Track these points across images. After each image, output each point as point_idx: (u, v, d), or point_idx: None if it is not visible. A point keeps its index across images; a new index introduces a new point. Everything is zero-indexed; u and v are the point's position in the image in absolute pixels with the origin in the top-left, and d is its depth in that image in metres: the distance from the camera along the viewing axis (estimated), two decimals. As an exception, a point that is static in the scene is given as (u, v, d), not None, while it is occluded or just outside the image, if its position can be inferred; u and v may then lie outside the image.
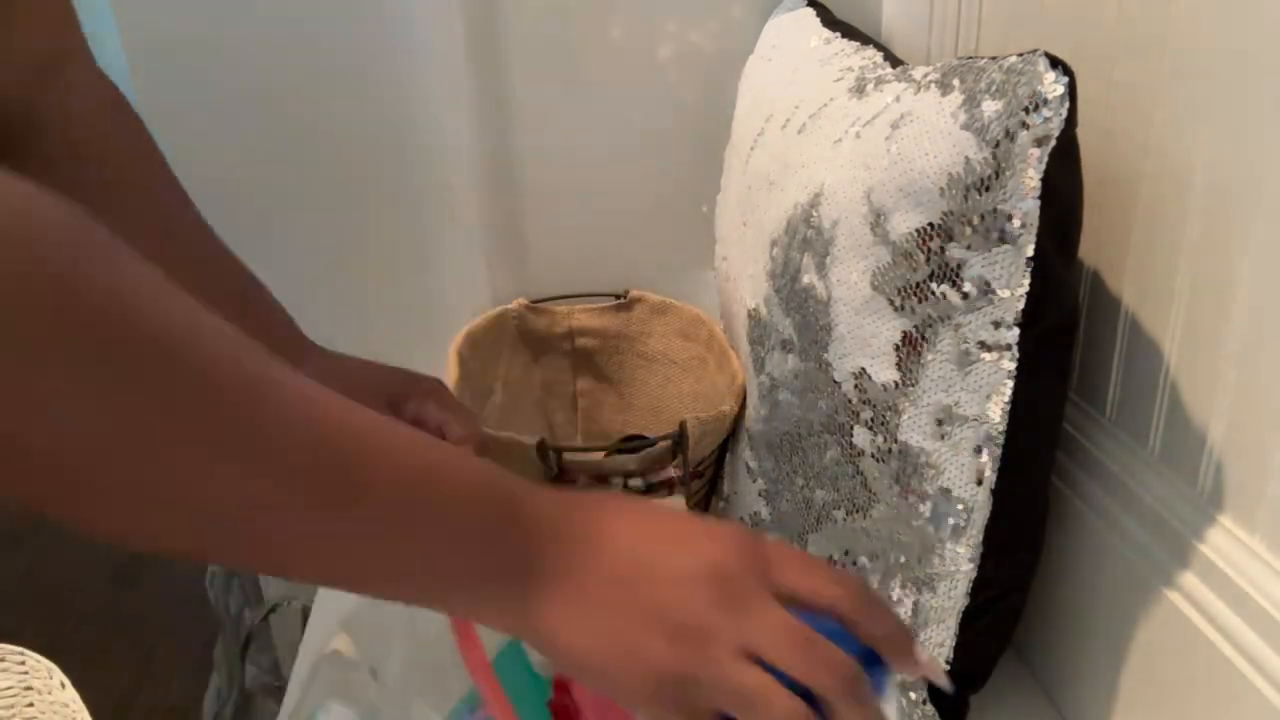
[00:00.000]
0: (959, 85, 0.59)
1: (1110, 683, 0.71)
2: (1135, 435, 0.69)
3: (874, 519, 0.70)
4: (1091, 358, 0.73)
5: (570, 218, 1.11)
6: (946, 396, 0.63)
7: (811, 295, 0.70)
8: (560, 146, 1.07)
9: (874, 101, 0.67)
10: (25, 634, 0.98)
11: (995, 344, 0.61)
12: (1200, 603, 0.62)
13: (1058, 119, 0.55)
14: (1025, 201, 0.57)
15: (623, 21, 1.02)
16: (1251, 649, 0.58)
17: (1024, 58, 0.57)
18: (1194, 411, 0.63)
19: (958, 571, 0.66)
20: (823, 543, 0.76)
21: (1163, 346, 0.65)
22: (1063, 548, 0.76)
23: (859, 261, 0.65)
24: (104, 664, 1.84)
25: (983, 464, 0.63)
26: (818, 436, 0.73)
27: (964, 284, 0.60)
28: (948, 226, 0.60)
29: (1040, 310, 0.60)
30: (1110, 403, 0.71)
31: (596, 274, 1.10)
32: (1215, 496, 0.62)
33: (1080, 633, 0.76)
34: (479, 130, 1.05)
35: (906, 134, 0.61)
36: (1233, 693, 0.59)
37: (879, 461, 0.68)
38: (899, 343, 0.65)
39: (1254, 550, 0.59)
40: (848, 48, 0.84)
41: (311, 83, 1.02)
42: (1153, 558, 0.66)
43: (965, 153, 0.58)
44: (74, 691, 0.98)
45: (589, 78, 1.04)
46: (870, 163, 0.64)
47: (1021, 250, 0.58)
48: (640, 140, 1.07)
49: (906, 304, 0.63)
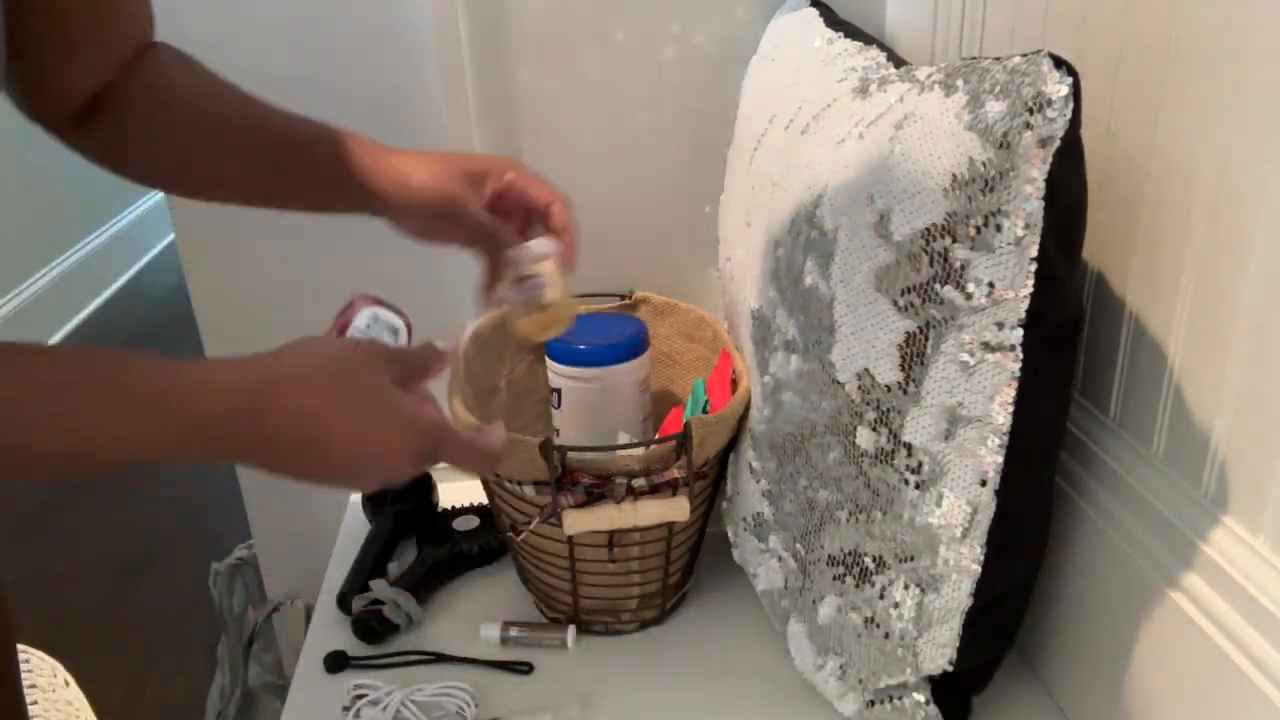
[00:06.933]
0: (963, 86, 0.59)
1: (1113, 683, 0.71)
2: (1139, 436, 0.69)
3: (877, 519, 0.70)
4: (1095, 358, 0.73)
5: (574, 218, 1.11)
6: (950, 397, 0.63)
7: (815, 296, 0.70)
8: (564, 147, 1.07)
9: (877, 102, 0.67)
10: (28, 632, 0.98)
11: (999, 345, 0.61)
12: (1203, 603, 0.62)
13: (1062, 119, 0.55)
14: (1029, 202, 0.57)
15: (626, 23, 1.02)
16: (1254, 649, 0.58)
17: (1028, 58, 0.57)
18: (1198, 412, 0.63)
19: (962, 572, 0.66)
20: (826, 543, 0.76)
21: (1167, 347, 0.65)
22: (1066, 548, 0.76)
23: (862, 262, 0.65)
24: (107, 662, 1.85)
25: (986, 465, 0.63)
26: (821, 437, 0.73)
27: (968, 285, 0.60)
28: (951, 227, 0.60)
29: (1044, 311, 0.60)
30: (1114, 403, 0.71)
31: (601, 275, 1.10)
32: (1219, 497, 0.62)
33: (1083, 633, 0.76)
34: (483, 132, 1.06)
35: (910, 134, 0.61)
36: (1236, 693, 0.59)
37: (882, 462, 0.68)
38: (902, 343, 0.65)
39: (1257, 551, 0.59)
40: (851, 48, 0.84)
41: (313, 83, 1.02)
42: (1156, 558, 0.66)
43: (969, 153, 0.58)
44: (77, 689, 0.99)
45: (593, 79, 1.04)
46: (874, 163, 0.64)
47: (1025, 251, 0.58)
48: (644, 141, 1.07)
49: (910, 305, 0.63)
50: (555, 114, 1.06)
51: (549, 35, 1.02)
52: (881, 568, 0.71)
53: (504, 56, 1.03)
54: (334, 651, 0.91)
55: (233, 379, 0.51)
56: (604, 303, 1.08)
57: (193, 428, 0.50)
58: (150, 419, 0.49)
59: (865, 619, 0.73)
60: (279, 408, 0.52)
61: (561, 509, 0.81)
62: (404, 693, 0.83)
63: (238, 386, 0.51)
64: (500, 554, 1.03)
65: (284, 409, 0.52)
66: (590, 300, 1.08)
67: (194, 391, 0.50)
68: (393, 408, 0.56)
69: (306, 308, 0.74)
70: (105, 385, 0.49)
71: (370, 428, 0.55)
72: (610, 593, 0.90)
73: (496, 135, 1.06)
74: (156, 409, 0.49)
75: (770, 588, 0.86)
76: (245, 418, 0.51)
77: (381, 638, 0.92)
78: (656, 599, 0.92)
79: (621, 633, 0.93)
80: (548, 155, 1.07)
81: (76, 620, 1.98)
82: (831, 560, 0.75)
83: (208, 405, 0.50)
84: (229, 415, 0.51)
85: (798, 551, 0.80)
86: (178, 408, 0.49)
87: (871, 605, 0.72)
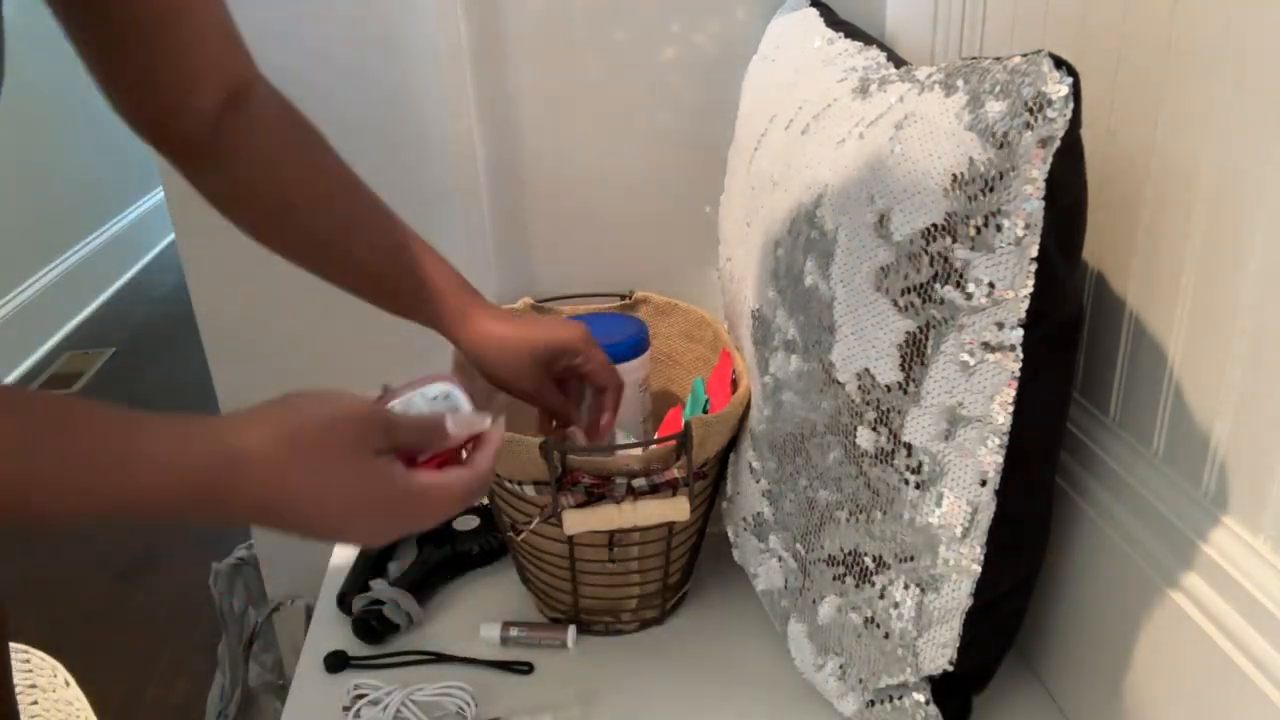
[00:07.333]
0: (963, 86, 0.59)
1: (1113, 683, 0.71)
2: (1139, 436, 0.69)
3: (877, 519, 0.70)
4: (1095, 358, 0.73)
5: (575, 219, 1.11)
6: (950, 397, 0.63)
7: (815, 296, 0.70)
8: (564, 148, 1.07)
9: (878, 102, 0.67)
10: (29, 632, 0.98)
11: (999, 345, 0.61)
12: (1203, 603, 0.62)
13: (1062, 119, 0.55)
14: (1029, 202, 0.57)
15: (626, 23, 1.02)
16: (1255, 649, 0.58)
17: (1028, 58, 0.57)
18: (1198, 412, 0.63)
19: (962, 572, 0.66)
20: (826, 543, 0.76)
21: (1167, 347, 0.65)
22: (1066, 548, 0.76)
23: (862, 262, 0.65)
24: (108, 663, 1.85)
25: (986, 465, 0.63)
26: (821, 437, 0.73)
27: (968, 285, 0.60)
28: (951, 227, 0.60)
29: (1044, 311, 0.60)
30: (1114, 403, 0.71)
31: (601, 275, 1.10)
32: (1219, 497, 0.62)
33: (1083, 633, 0.76)
34: (483, 133, 1.06)
35: (910, 134, 0.61)
36: (1236, 693, 0.59)
37: (882, 462, 0.68)
38: (903, 343, 0.65)
39: (1257, 551, 0.59)
40: (851, 48, 0.84)
41: (315, 85, 1.02)
42: (1156, 558, 0.66)
43: (969, 153, 0.58)
44: (78, 690, 0.99)
45: (593, 79, 1.04)
46: (874, 163, 0.64)
47: (1025, 251, 0.58)
48: (644, 141, 1.07)
49: (910, 305, 0.63)
50: (555, 114, 1.06)
51: (549, 35, 1.02)
52: (881, 568, 0.71)
53: (504, 57, 1.03)
54: (334, 651, 0.91)
55: (188, 456, 0.49)
56: (604, 303, 1.08)
57: (142, 500, 0.48)
58: (103, 483, 0.47)
59: (865, 619, 0.73)
60: (239, 486, 0.50)
61: (561, 509, 0.81)
62: (404, 693, 0.83)
63: (191, 465, 0.49)
64: (500, 554, 1.03)
65: (244, 488, 0.50)
66: (590, 300, 1.08)
67: (148, 462, 0.48)
68: (371, 483, 0.54)
69: (306, 308, 0.74)
70: (66, 441, 0.46)
71: (343, 504, 0.53)
72: (610, 593, 0.90)
73: (497, 135, 1.06)
74: (111, 474, 0.47)
75: (770, 588, 0.86)
76: (199, 495, 0.49)
77: (381, 638, 0.92)
78: (656, 599, 0.92)
79: (621, 633, 0.93)
80: (548, 155, 1.07)
81: (76, 620, 1.98)
82: (831, 560, 0.75)
83: (160, 476, 0.48)
84: (183, 494, 0.49)
85: (798, 551, 0.80)
86: (129, 477, 0.47)
87: (871, 605, 0.72)
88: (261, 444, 0.51)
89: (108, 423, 0.48)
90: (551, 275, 1.12)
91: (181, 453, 0.49)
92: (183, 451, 0.49)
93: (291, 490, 0.51)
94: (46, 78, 3.29)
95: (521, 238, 1.11)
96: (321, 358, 1.12)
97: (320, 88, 1.02)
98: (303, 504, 0.52)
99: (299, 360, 1.13)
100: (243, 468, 0.50)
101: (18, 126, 3.20)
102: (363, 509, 0.54)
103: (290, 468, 0.51)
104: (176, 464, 0.49)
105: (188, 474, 0.49)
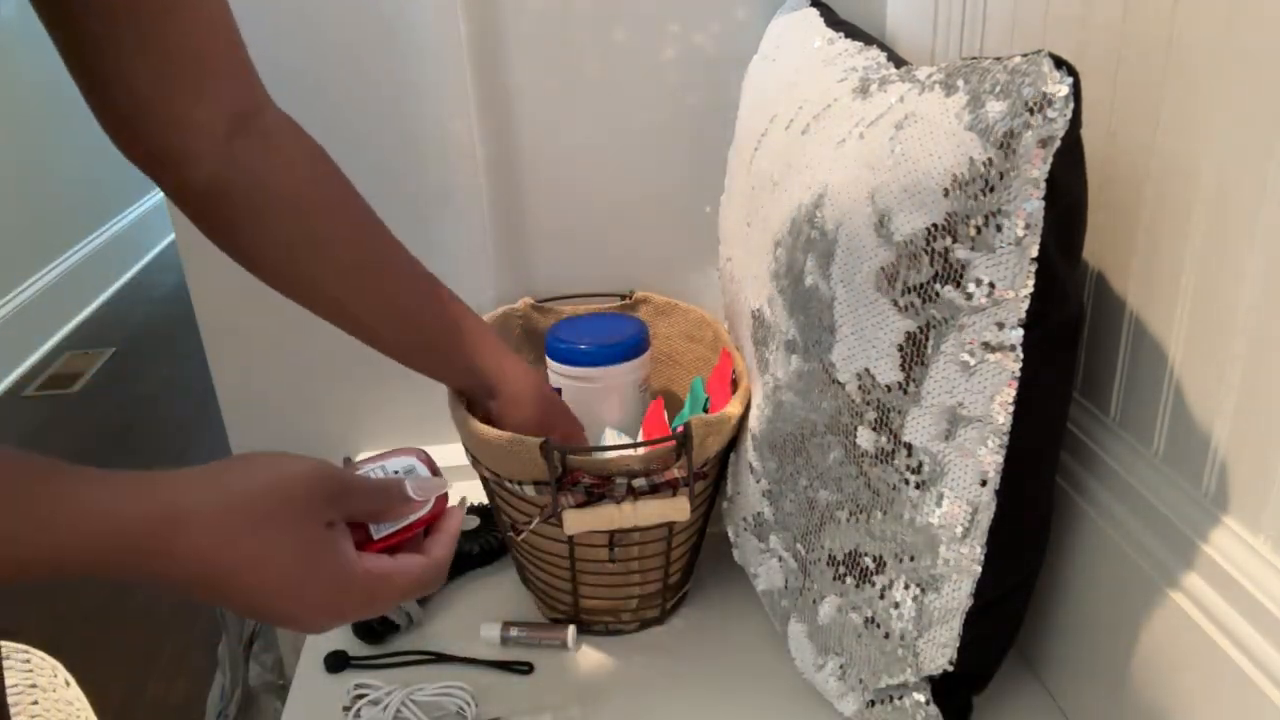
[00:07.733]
0: (963, 86, 0.59)
1: (1114, 684, 0.71)
2: (1139, 436, 0.69)
3: (877, 519, 0.70)
4: (1096, 358, 0.73)
5: (575, 218, 1.11)
6: (950, 397, 0.63)
7: (815, 296, 0.70)
8: (564, 148, 1.07)
9: (878, 102, 0.67)
10: (29, 632, 0.98)
11: (999, 345, 0.61)
12: (1204, 603, 0.62)
13: (1062, 119, 0.55)
14: (1030, 202, 0.57)
15: (626, 23, 1.02)
16: (1255, 650, 0.58)
17: (1029, 58, 0.57)
18: (1198, 412, 0.63)
19: (962, 572, 0.66)
20: (826, 543, 0.76)
21: (1167, 347, 0.65)
22: (1066, 548, 0.76)
23: (863, 262, 0.65)
24: (108, 662, 1.85)
25: (987, 465, 0.63)
26: (821, 437, 0.73)
27: (968, 285, 0.60)
28: (952, 227, 0.60)
29: (1044, 311, 0.60)
30: (1114, 403, 0.71)
31: (601, 274, 1.10)
32: (1219, 497, 0.62)
33: (1084, 634, 0.76)
34: (483, 132, 1.06)
35: (910, 134, 0.61)
36: (1237, 694, 0.59)
37: (883, 462, 0.68)
38: (903, 343, 0.65)
39: (1258, 551, 0.59)
40: (851, 48, 0.84)
41: (314, 85, 1.02)
42: (1156, 558, 0.66)
43: (969, 153, 0.58)
44: (78, 689, 0.99)
45: (593, 79, 1.05)
46: (874, 163, 0.64)
47: (1026, 251, 0.58)
48: (644, 141, 1.08)
49: (910, 305, 0.63)
50: (555, 114, 1.06)
51: (549, 35, 1.02)
52: (881, 568, 0.71)
53: (504, 56, 1.03)
54: (334, 651, 0.91)
55: (122, 506, 0.46)
56: (604, 303, 1.08)
57: (67, 551, 0.44)
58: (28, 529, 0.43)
59: (865, 619, 0.73)
60: (175, 546, 0.47)
61: (561, 509, 0.81)
62: (404, 693, 0.83)
63: (126, 515, 0.46)
64: (500, 554, 1.03)
65: (179, 549, 0.47)
66: (590, 300, 1.08)
67: (78, 508, 0.45)
68: (316, 556, 0.51)
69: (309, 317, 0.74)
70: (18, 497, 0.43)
71: (282, 575, 0.50)
72: (610, 593, 0.90)
73: (496, 135, 1.06)
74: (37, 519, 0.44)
75: (770, 588, 0.86)
76: (130, 552, 0.46)
77: (382, 638, 0.92)
78: (656, 599, 0.92)
79: (621, 633, 0.93)
80: (548, 155, 1.07)
81: (76, 620, 1.98)
82: (832, 560, 0.75)
83: (91, 524, 0.45)
84: (113, 548, 0.46)
85: (798, 551, 0.80)
86: (58, 523, 0.44)
87: (872, 605, 0.72)
88: (201, 503, 0.48)
89: (35, 466, 0.45)
90: (551, 275, 1.12)
91: (116, 499, 0.46)
92: (117, 499, 0.46)
93: (228, 556, 0.48)
94: (46, 78, 3.29)
95: (521, 237, 1.11)
96: (322, 358, 1.12)
97: (320, 88, 1.03)
98: (240, 572, 0.49)
99: (299, 360, 1.13)
100: (180, 527, 0.47)
101: (17, 126, 3.20)
102: (305, 584, 0.51)
103: (231, 531, 0.48)
104: (109, 513, 0.45)
105: (122, 523, 0.45)
